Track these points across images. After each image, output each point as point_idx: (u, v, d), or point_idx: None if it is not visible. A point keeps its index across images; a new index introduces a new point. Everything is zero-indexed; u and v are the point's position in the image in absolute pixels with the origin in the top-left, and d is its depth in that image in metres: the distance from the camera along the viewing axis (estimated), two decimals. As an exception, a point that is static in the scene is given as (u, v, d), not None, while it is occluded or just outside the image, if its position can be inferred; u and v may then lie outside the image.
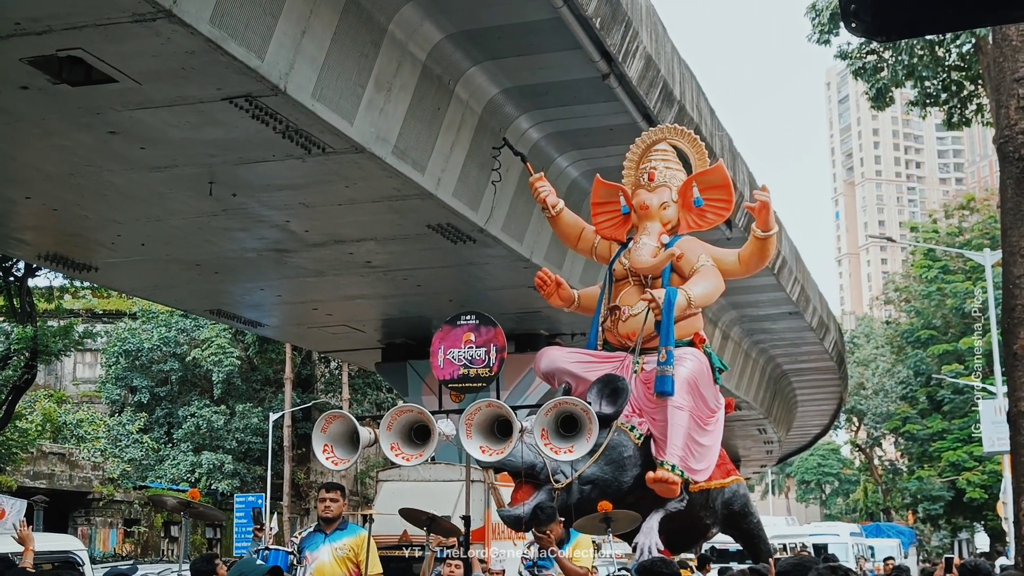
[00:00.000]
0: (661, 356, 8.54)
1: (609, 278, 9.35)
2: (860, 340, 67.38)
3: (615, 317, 9.06)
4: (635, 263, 9.09)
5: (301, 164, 12.93)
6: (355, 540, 8.12)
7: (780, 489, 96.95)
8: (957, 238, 52.88)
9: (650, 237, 9.14)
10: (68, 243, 16.48)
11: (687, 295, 8.72)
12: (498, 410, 7.14)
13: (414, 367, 21.51)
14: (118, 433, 37.69)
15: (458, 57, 13.11)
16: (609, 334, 9.11)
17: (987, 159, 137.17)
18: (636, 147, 9.69)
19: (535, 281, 9.41)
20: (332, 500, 8.19)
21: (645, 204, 9.26)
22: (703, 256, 9.09)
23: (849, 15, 2.03)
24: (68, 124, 11.81)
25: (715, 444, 9.18)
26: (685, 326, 9.02)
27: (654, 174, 9.38)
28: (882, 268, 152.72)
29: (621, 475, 8.51)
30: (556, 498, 8.23)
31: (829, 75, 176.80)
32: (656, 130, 9.86)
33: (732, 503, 9.78)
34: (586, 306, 9.49)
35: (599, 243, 9.61)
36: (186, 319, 39.11)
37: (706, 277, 8.99)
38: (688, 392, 8.61)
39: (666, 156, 9.59)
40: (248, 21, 10.17)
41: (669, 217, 9.30)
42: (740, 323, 27.86)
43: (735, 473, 9.98)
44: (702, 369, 8.93)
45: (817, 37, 22.00)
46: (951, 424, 50.65)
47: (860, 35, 2.11)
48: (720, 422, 9.26)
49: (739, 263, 9.27)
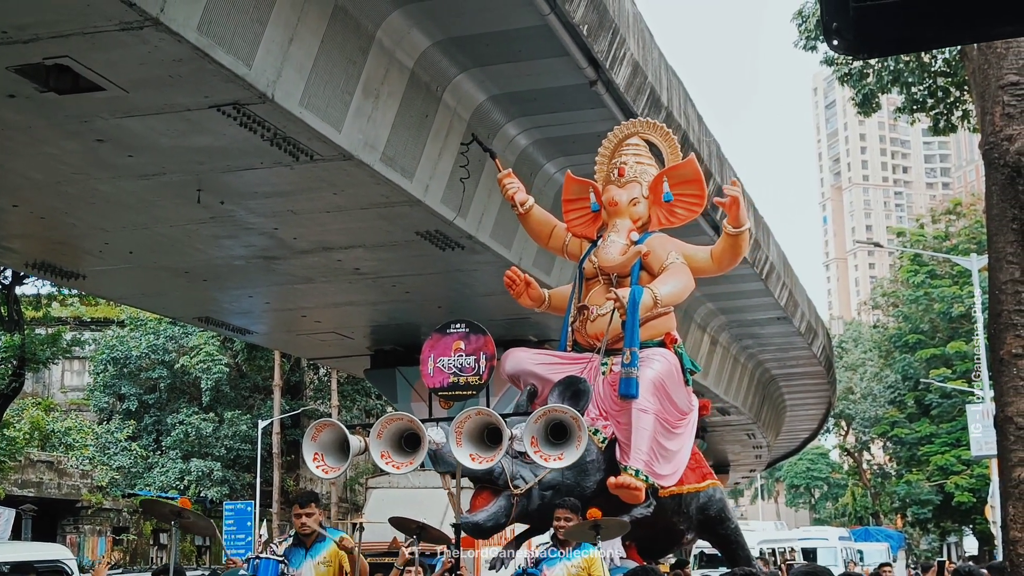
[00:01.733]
0: (625, 357, 8.27)
1: (579, 277, 9.12)
2: (848, 345, 67.54)
3: (584, 317, 8.83)
4: (603, 261, 8.87)
5: (289, 171, 12.93)
6: (333, 549, 7.99)
7: (769, 494, 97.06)
8: (944, 243, 53.03)
9: (619, 234, 8.90)
10: (56, 251, 16.44)
11: (653, 294, 8.49)
12: (488, 418, 7.13)
13: (403, 374, 21.51)
14: (106, 441, 37.59)
15: (446, 64, 13.13)
16: (578, 335, 8.88)
17: (973, 164, 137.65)
18: (608, 141, 9.46)
19: (504, 281, 9.18)
20: (307, 515, 8.02)
21: (614, 200, 9.03)
22: (673, 253, 8.85)
23: (831, 33, 2.05)
24: (56, 132, 11.79)
25: (685, 448, 8.88)
26: (656, 326, 8.81)
27: (624, 169, 9.13)
28: (870, 273, 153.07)
29: (584, 480, 8.23)
30: (516, 504, 7.98)
31: (816, 80, 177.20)
32: (628, 124, 9.58)
33: (708, 508, 9.44)
34: (557, 306, 9.25)
35: (570, 241, 9.37)
36: (174, 326, 39.03)
37: (675, 275, 8.76)
38: (653, 394, 8.35)
39: (638, 151, 9.34)
40: (235, 29, 10.18)
41: (639, 213, 9.07)
42: (729, 328, 27.90)
43: (712, 477, 9.58)
44: (670, 370, 8.66)
45: (804, 43, 22.05)
46: (939, 428, 50.75)
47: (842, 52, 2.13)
48: (691, 425, 8.97)
49: (712, 260, 9.01)
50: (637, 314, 8.36)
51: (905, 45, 2.24)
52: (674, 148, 9.39)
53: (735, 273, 22.85)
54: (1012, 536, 7.67)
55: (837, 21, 2.04)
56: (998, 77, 7.80)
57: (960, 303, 48.78)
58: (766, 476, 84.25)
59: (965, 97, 20.85)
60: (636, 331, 8.35)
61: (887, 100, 23.32)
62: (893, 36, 2.07)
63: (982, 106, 8.25)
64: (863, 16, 1.99)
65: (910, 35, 2.08)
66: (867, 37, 2.03)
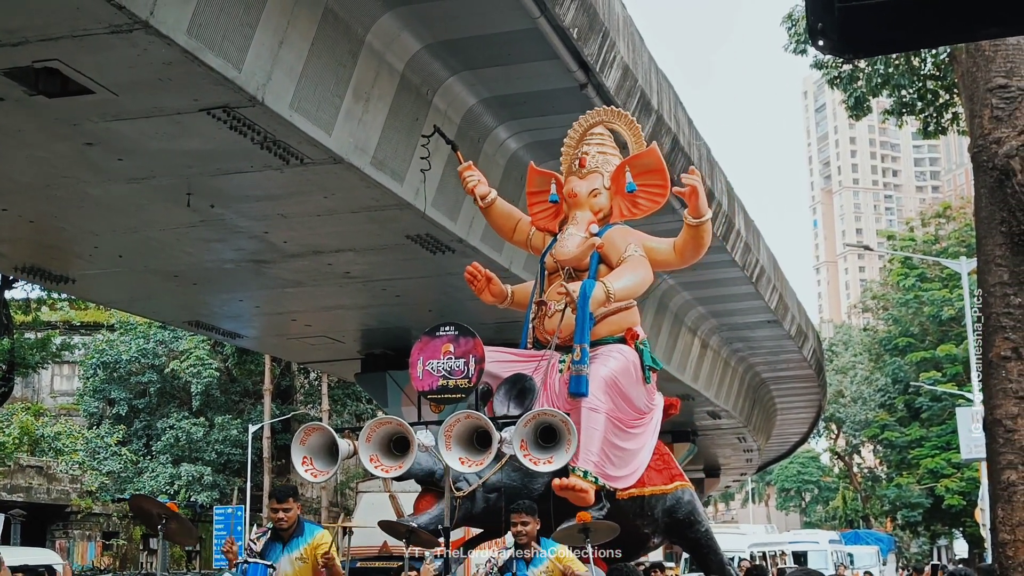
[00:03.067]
0: (575, 354, 7.98)
1: (541, 272, 8.85)
2: (839, 348, 67.66)
3: (542, 313, 8.56)
4: (558, 254, 8.61)
5: (279, 175, 12.92)
6: (312, 543, 7.93)
7: (760, 497, 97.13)
8: (934, 246, 53.14)
9: (578, 227, 8.63)
10: (45, 255, 16.41)
11: (605, 288, 8.16)
12: (477, 421, 7.12)
13: (394, 378, 21.48)
14: (96, 446, 37.49)
15: (436, 67, 13.13)
16: (538, 331, 8.61)
17: (963, 167, 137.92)
18: (574, 131, 9.17)
19: (465, 276, 8.96)
20: (284, 510, 7.95)
21: (574, 192, 8.77)
22: (632, 246, 8.54)
23: (817, 34, 2.05)
24: (45, 135, 11.77)
25: (643, 448, 8.58)
26: (616, 321, 8.52)
27: (585, 159, 8.85)
28: (860, 276, 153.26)
29: (530, 482, 7.98)
30: (459, 507, 7.78)
31: (806, 84, 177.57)
32: (593, 113, 9.28)
33: (675, 511, 9.04)
34: (520, 302, 8.99)
35: (533, 235, 9.09)
36: (164, 331, 38.96)
37: (631, 268, 8.43)
38: (605, 392, 8.03)
39: (602, 140, 9.07)
40: (225, 32, 10.17)
41: (600, 205, 8.78)
42: (719, 332, 27.93)
43: (681, 479, 9.19)
44: (627, 368, 8.33)
45: (793, 47, 22.07)
46: (929, 431, 50.84)
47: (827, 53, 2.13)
48: (652, 424, 8.69)
49: (674, 253, 8.69)
50: (588, 309, 8.08)
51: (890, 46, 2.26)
52: (639, 137, 9.11)
53: (725, 277, 23.04)
54: (1001, 539, 7.69)
55: (822, 22, 2.04)
56: (986, 80, 7.83)
57: (950, 306, 48.89)
58: (757, 479, 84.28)
59: (954, 100, 20.90)
60: (587, 327, 8.07)
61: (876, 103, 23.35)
62: (878, 37, 2.07)
63: (971, 109, 8.27)
64: (848, 17, 2.00)
65: (895, 36, 2.08)
66: (852, 38, 2.04)
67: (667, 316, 24.29)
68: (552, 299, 8.50)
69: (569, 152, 9.13)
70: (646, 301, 22.28)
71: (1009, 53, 7.81)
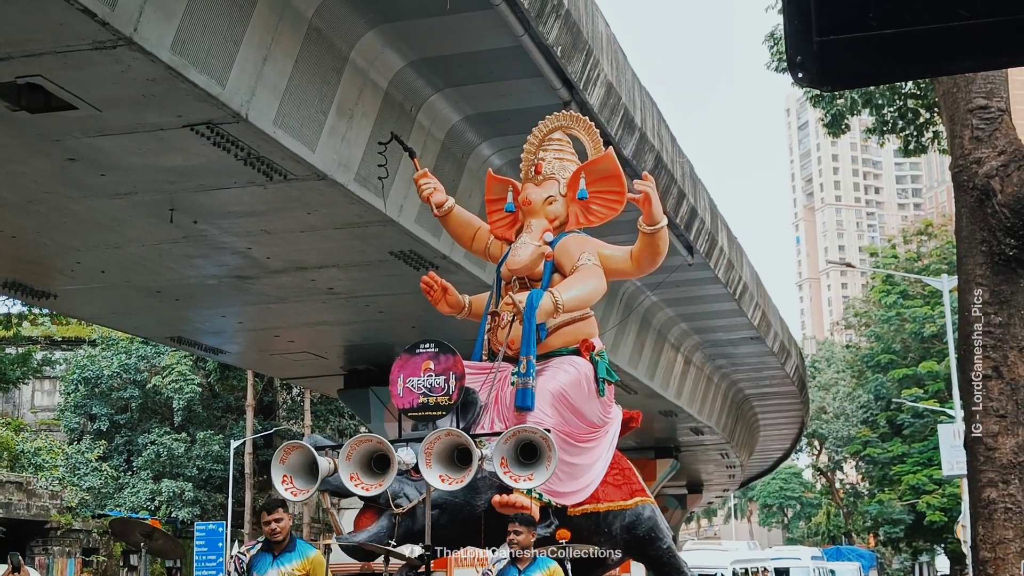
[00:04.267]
0: (521, 366, 7.77)
1: (497, 282, 8.63)
2: (821, 364, 67.83)
3: (495, 324, 8.35)
4: (510, 264, 8.35)
5: (262, 191, 12.91)
6: (304, 563, 7.90)
7: (743, 513, 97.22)
8: (916, 263, 53.40)
9: (533, 235, 8.37)
10: (27, 270, 16.35)
11: (553, 298, 7.91)
12: (458, 439, 7.08)
13: (376, 394, 21.44)
14: (77, 461, 37.30)
15: (420, 84, 13.15)
16: (492, 343, 8.36)
17: (944, 185, 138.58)
18: (533, 137, 8.93)
19: (421, 286, 8.72)
20: (276, 521, 7.90)
21: (528, 199, 8.53)
22: (586, 255, 8.28)
23: (795, 66, 2.07)
24: (27, 151, 11.74)
25: (596, 462, 8.31)
26: (571, 332, 8.31)
27: (541, 166, 8.63)
28: (842, 293, 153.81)
29: (474, 499, 7.75)
30: (398, 525, 7.60)
31: (789, 101, 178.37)
32: (552, 118, 9.00)
33: (635, 528, 8.72)
34: (477, 312, 8.71)
35: (492, 243, 8.84)
36: (146, 346, 38.83)
37: (582, 278, 8.18)
38: (552, 406, 7.81)
39: (560, 146, 8.84)
40: (209, 48, 10.17)
41: (556, 212, 8.52)
42: (702, 348, 27.98)
43: (642, 494, 8.88)
44: (577, 381, 8.08)
45: (775, 65, 22.22)
46: (911, 448, 51.00)
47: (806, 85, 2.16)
48: (608, 438, 8.44)
49: (631, 261, 8.41)
50: (534, 320, 7.88)
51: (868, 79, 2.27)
52: (597, 143, 8.86)
53: (708, 293, 23.09)
54: (982, 556, 7.73)
55: (801, 54, 2.07)
56: (967, 100, 7.90)
57: (932, 323, 49.11)
58: (739, 495, 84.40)
59: (935, 118, 21.04)
60: (532, 338, 7.87)
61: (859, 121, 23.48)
62: (856, 70, 2.10)
63: (951, 129, 8.34)
64: (826, 50, 2.02)
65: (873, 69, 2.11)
66: (830, 70, 2.06)
67: (650, 332, 24.33)
68: (505, 310, 8.28)
69: (528, 158, 8.93)
70: (629, 317, 22.31)
71: (989, 74, 7.88)
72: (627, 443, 33.28)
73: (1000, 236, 7.57)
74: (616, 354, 22.06)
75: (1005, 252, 7.54)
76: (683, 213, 18.53)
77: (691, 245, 19.49)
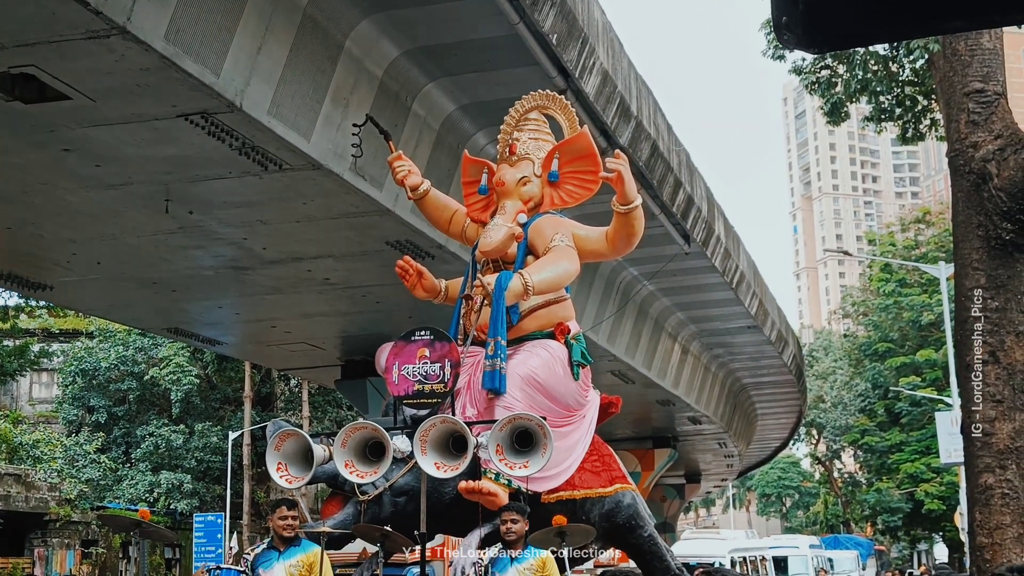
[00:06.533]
0: (489, 349, 7.71)
1: (472, 265, 8.59)
2: (819, 353, 67.84)
3: (468, 307, 8.29)
4: (481, 246, 8.31)
5: (258, 181, 12.88)
6: (308, 556, 7.99)
7: (741, 503, 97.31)
8: (913, 251, 53.37)
9: (506, 217, 8.31)
10: (22, 262, 16.32)
11: (523, 280, 7.82)
12: (452, 426, 7.08)
13: (374, 384, 21.42)
14: (75, 453, 37.29)
15: (415, 73, 13.11)
16: (466, 326, 8.31)
17: (942, 173, 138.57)
18: (510, 118, 8.85)
19: (396, 270, 8.68)
20: (293, 518, 8.03)
21: (502, 180, 8.46)
22: (559, 236, 8.20)
23: (781, 28, 2.05)
24: (21, 142, 11.71)
25: (574, 448, 8.22)
26: (545, 315, 8.23)
27: (515, 146, 8.55)
28: (840, 282, 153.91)
29: (441, 485, 7.69)
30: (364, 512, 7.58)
31: (786, 90, 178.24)
32: (528, 98, 8.95)
33: (614, 515, 8.64)
34: (454, 296, 8.69)
35: (468, 226, 8.78)
36: (143, 338, 38.79)
37: (554, 260, 8.09)
38: (522, 389, 7.74)
39: (537, 126, 8.78)
40: (203, 38, 10.13)
41: (530, 194, 8.46)
42: (699, 337, 27.97)
43: (623, 481, 8.79)
44: (550, 364, 7.99)
45: (772, 52, 22.15)
46: (909, 436, 51.03)
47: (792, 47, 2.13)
48: (584, 422, 8.37)
49: (606, 243, 8.33)
50: (503, 302, 7.79)
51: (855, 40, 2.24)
52: (573, 122, 8.79)
53: (706, 283, 23.06)
54: (979, 542, 7.72)
55: (787, 16, 2.04)
56: (963, 84, 7.88)
57: (929, 311, 49.10)
58: (738, 485, 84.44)
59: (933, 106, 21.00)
60: (501, 320, 7.78)
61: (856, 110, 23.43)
62: (842, 31, 2.07)
63: (948, 113, 8.32)
64: (812, 11, 2.00)
65: (860, 30, 2.08)
66: (816, 32, 2.04)
67: (647, 322, 24.31)
68: (476, 293, 8.19)
69: (504, 139, 8.83)
70: (626, 307, 22.29)
71: (986, 58, 7.86)
72: (625, 433, 33.36)
73: (996, 220, 7.55)
74: (613, 343, 22.04)
75: (1001, 236, 7.53)
76: (680, 202, 18.50)
77: (688, 234, 19.47)
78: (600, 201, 8.81)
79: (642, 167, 16.10)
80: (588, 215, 9.87)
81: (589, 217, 9.66)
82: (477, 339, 8.13)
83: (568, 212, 8.97)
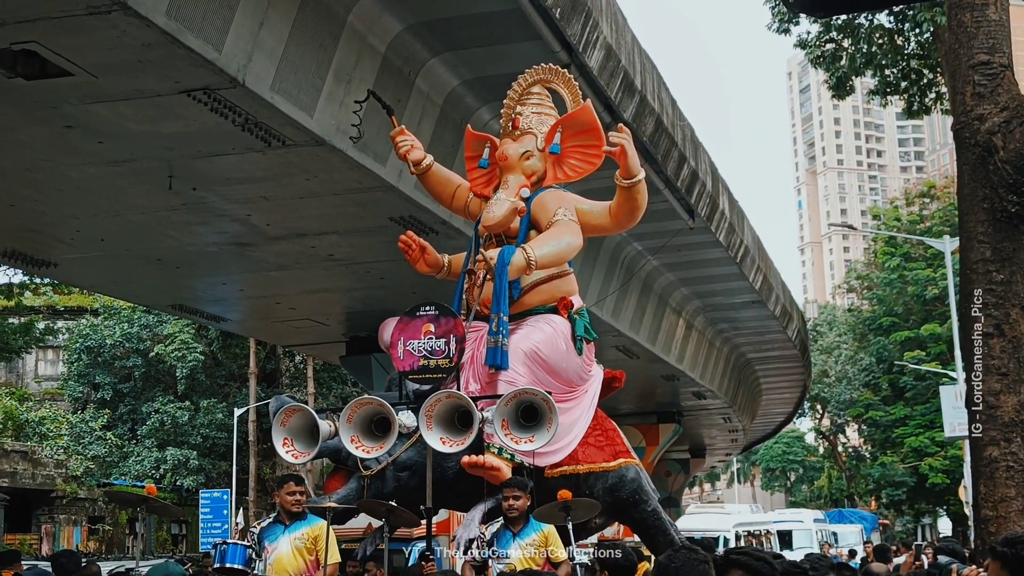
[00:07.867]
0: (493, 324, 7.69)
1: (475, 239, 8.56)
2: (823, 328, 67.81)
3: (471, 282, 8.27)
4: (484, 220, 8.27)
5: (261, 157, 12.85)
6: (313, 530, 8.04)
7: (746, 477, 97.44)
8: (918, 226, 53.27)
9: (509, 191, 8.28)
10: (26, 239, 16.31)
11: (526, 254, 7.78)
12: (458, 401, 7.08)
13: (379, 360, 21.42)
14: (81, 430, 37.42)
15: (418, 48, 13.06)
16: (469, 301, 8.30)
17: (947, 147, 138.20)
18: (513, 92, 8.81)
19: (399, 245, 8.60)
20: (301, 493, 8.07)
21: (504, 155, 8.43)
22: (562, 210, 8.17)
23: (788, -6, 2.03)
24: (24, 118, 11.68)
25: (574, 422, 8.20)
26: (548, 290, 8.22)
27: (519, 120, 8.52)
28: (844, 256, 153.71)
29: (444, 460, 7.66)
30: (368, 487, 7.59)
31: (790, 64, 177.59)
32: (531, 72, 8.93)
33: (618, 489, 8.63)
34: (457, 272, 8.68)
35: (471, 201, 8.75)
36: (148, 315, 38.85)
37: (556, 234, 8.05)
38: (525, 364, 7.73)
39: (540, 100, 8.74)
40: (205, 13, 10.09)
41: (533, 168, 8.44)
42: (704, 312, 27.96)
43: (627, 456, 8.76)
44: (553, 339, 7.98)
45: (777, 26, 22.07)
46: (913, 410, 51.07)
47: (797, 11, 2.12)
48: (587, 397, 8.36)
49: (609, 217, 8.31)
50: (505, 277, 7.76)
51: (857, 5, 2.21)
52: (576, 96, 8.77)
53: (710, 257, 23.01)
54: (983, 515, 7.71)
55: (793, -18, 2.03)
56: (968, 57, 7.83)
57: (934, 285, 49.05)
58: (742, 460, 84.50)
59: (938, 79, 20.93)
60: (504, 295, 7.75)
61: (861, 83, 23.36)
62: (849, -3, 2.05)
63: (953, 86, 8.27)
64: (819, -24, 1.98)
65: (866, -5, 2.06)
66: (824, -3, 2.02)
67: (651, 297, 24.29)
68: (479, 267, 8.16)
69: (507, 113, 8.78)
70: (630, 282, 22.27)
71: (991, 30, 7.81)
72: (629, 407, 33.37)
73: (1002, 193, 7.52)
74: (618, 319, 22.03)
75: (1007, 209, 7.49)
76: (684, 177, 18.44)
77: (692, 209, 19.43)
78: (604, 176, 8.79)
79: (646, 142, 16.04)
80: (592, 190, 9.84)
81: (593, 192, 9.64)
82: (480, 314, 8.10)
83: (571, 186, 8.93)
